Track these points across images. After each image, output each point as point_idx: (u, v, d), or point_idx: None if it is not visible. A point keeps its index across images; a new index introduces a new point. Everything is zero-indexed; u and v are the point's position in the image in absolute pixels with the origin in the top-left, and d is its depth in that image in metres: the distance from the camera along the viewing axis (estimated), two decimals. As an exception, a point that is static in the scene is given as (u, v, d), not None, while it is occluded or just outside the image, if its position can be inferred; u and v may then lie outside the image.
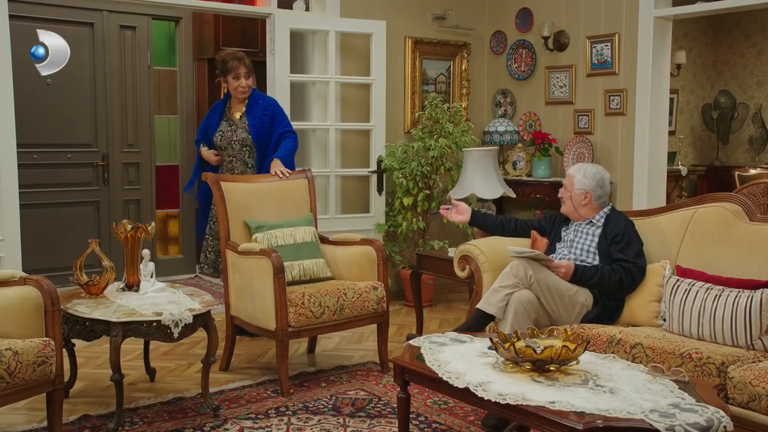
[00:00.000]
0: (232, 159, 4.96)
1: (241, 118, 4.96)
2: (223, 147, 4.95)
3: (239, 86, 4.90)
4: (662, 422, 2.25)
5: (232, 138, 4.93)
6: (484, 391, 2.56)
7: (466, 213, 4.33)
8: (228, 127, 4.94)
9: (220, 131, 4.95)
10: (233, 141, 4.93)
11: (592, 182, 3.98)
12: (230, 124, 4.95)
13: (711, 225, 3.74)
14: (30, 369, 3.01)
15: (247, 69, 4.92)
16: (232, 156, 4.95)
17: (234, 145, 4.93)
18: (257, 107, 4.97)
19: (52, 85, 6.40)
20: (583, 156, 6.05)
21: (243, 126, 4.94)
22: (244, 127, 4.94)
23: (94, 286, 3.74)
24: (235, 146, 4.93)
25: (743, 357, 3.07)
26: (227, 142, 4.93)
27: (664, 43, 5.73)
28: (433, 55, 6.61)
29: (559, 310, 3.69)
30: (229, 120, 4.97)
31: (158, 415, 3.69)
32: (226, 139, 4.93)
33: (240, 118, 4.96)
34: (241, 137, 4.92)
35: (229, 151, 4.94)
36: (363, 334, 5.14)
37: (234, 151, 4.94)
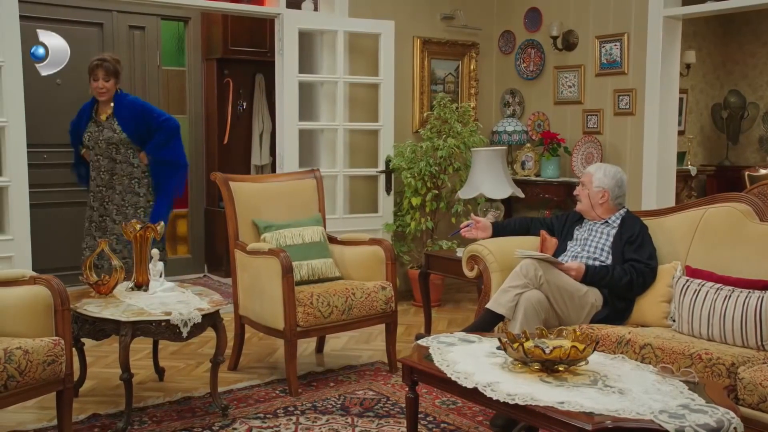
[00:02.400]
0: (99, 157, 5.10)
1: (108, 119, 5.11)
2: (91, 146, 5.11)
3: (97, 87, 5.07)
4: (672, 423, 2.25)
5: (99, 137, 5.08)
6: (492, 391, 2.56)
7: (488, 229, 4.26)
8: (96, 128, 5.11)
9: (88, 132, 5.11)
10: (99, 140, 5.08)
11: (611, 182, 3.97)
12: (98, 125, 5.11)
13: (721, 225, 3.72)
14: (40, 368, 3.02)
15: (105, 72, 5.05)
16: (98, 154, 5.10)
17: (100, 144, 5.09)
18: (124, 108, 5.13)
19: (62, 85, 6.42)
20: (592, 156, 6.04)
21: (109, 126, 5.10)
22: (110, 127, 5.09)
23: (104, 286, 3.76)
24: (101, 145, 5.09)
25: (753, 358, 3.06)
26: (94, 141, 5.09)
27: (674, 42, 5.71)
28: (441, 55, 6.61)
29: (568, 310, 3.68)
30: (96, 121, 5.13)
31: (167, 414, 3.70)
32: (93, 139, 5.09)
33: (106, 120, 5.11)
34: (106, 136, 5.08)
35: (96, 150, 5.10)
36: (371, 334, 5.14)
37: (101, 149, 5.09)
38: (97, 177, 5.12)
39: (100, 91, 5.07)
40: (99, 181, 5.12)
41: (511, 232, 4.27)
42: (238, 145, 7.56)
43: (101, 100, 5.11)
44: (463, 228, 4.33)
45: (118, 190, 5.11)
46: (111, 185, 5.11)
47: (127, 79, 6.76)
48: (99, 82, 5.05)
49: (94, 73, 5.06)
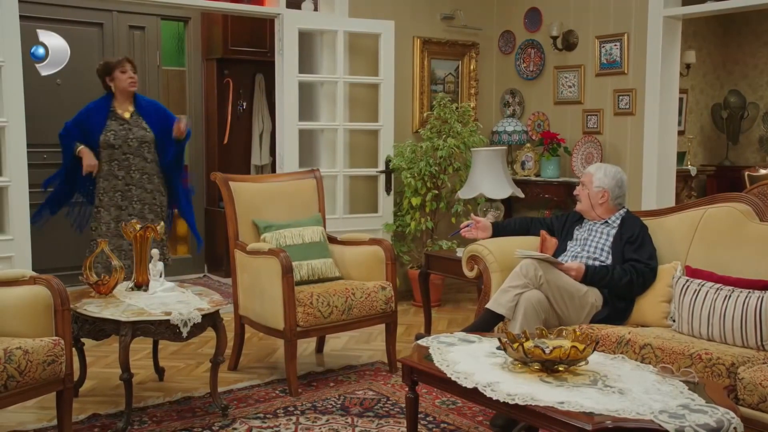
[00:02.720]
0: (129, 156, 5.00)
1: (132, 117, 5.04)
2: (117, 146, 4.97)
3: (129, 78, 4.99)
4: (672, 423, 2.25)
5: (129, 136, 4.99)
6: (492, 391, 2.56)
7: (488, 229, 4.26)
8: (120, 126, 4.99)
9: (111, 130, 4.96)
10: (130, 139, 4.98)
11: (611, 182, 3.97)
12: (122, 123, 5.01)
13: (721, 225, 3.72)
14: (40, 368, 3.02)
15: (132, 65, 5.04)
16: (127, 153, 4.99)
17: (131, 143, 4.99)
18: (145, 107, 5.10)
19: (62, 85, 6.42)
20: (592, 156, 6.04)
21: (138, 125, 5.03)
22: (139, 125, 5.03)
23: (104, 286, 3.76)
24: (133, 143, 4.99)
25: (753, 358, 3.06)
26: (122, 140, 4.97)
27: (674, 42, 5.71)
28: (441, 55, 6.61)
29: (568, 310, 3.68)
30: (120, 119, 5.02)
31: (167, 414, 3.70)
32: (120, 138, 4.97)
33: (131, 117, 5.04)
34: (138, 135, 5.01)
35: (124, 149, 4.98)
36: (371, 334, 5.14)
37: (131, 148, 5.00)
38: (126, 176, 5.00)
39: (132, 81, 5.01)
40: (129, 180, 5.00)
41: (511, 232, 4.27)
42: (238, 145, 7.56)
43: (129, 92, 5.03)
44: (463, 228, 4.33)
45: (149, 189, 5.05)
46: (141, 184, 5.03)
47: (127, 79, 6.76)
48: (129, 72, 4.98)
49: (121, 66, 4.98)
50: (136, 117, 5.05)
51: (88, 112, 5.07)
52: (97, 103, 5.11)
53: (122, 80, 5.01)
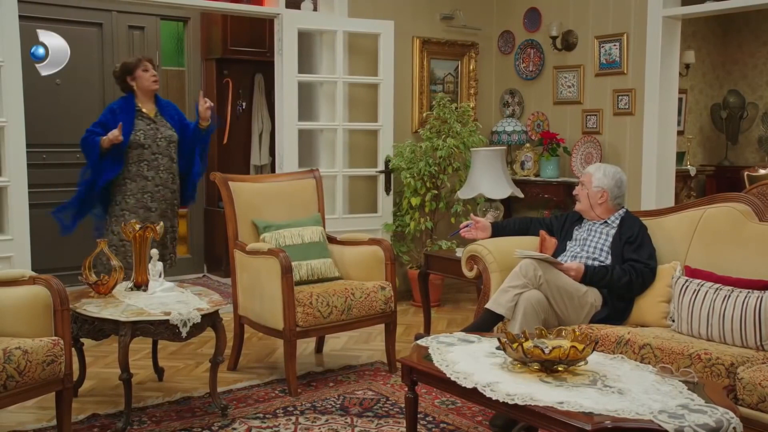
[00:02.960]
0: (157, 155, 4.93)
1: (157, 116, 4.99)
2: (147, 145, 4.89)
3: (152, 76, 4.94)
4: (671, 423, 2.25)
5: (157, 135, 4.93)
6: (492, 391, 2.56)
7: (487, 229, 4.26)
8: (147, 125, 4.92)
9: (140, 130, 4.87)
10: (159, 138, 4.93)
11: (610, 182, 3.97)
12: (149, 122, 4.94)
13: (720, 225, 3.72)
14: (39, 368, 3.02)
15: (152, 63, 4.99)
16: (156, 153, 4.93)
17: (159, 142, 4.93)
18: (166, 107, 5.07)
19: (61, 85, 6.42)
20: (592, 156, 6.04)
21: (164, 125, 4.98)
22: (165, 125, 4.99)
23: (103, 286, 3.76)
24: (161, 143, 4.94)
25: (753, 358, 3.06)
26: (152, 139, 4.90)
27: (673, 42, 5.71)
28: (440, 55, 6.61)
29: (568, 310, 3.68)
30: (146, 118, 4.94)
31: (166, 414, 3.70)
32: (149, 137, 4.90)
33: (156, 116, 4.99)
34: (166, 135, 4.96)
35: (153, 149, 4.91)
36: (371, 334, 5.14)
37: (160, 148, 4.94)
38: (156, 177, 4.92)
39: (156, 80, 4.96)
40: (158, 180, 4.93)
41: (511, 232, 4.27)
42: (238, 146, 7.57)
43: (152, 91, 4.97)
44: (463, 228, 4.33)
45: (173, 189, 5.03)
46: (167, 184, 4.99)
47: (127, 79, 6.76)
48: (151, 71, 4.94)
49: (142, 65, 4.92)
50: (160, 116, 5.00)
51: (112, 113, 4.92)
52: (120, 103, 4.99)
53: (146, 78, 4.94)
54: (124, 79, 4.97)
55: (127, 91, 5.01)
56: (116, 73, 5.03)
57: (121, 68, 4.99)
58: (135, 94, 4.98)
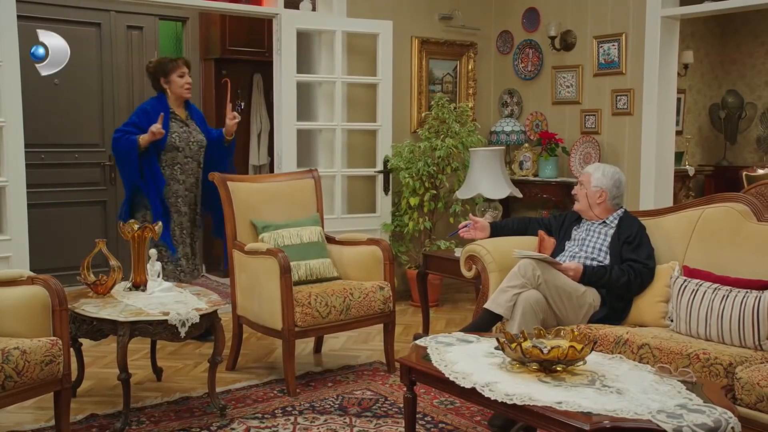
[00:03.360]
0: (189, 159, 4.88)
1: (188, 119, 4.94)
2: (181, 148, 4.83)
3: (186, 83, 4.87)
4: (669, 423, 2.25)
5: (190, 139, 4.87)
6: (490, 391, 2.56)
7: (486, 229, 4.26)
8: (180, 128, 4.85)
9: (175, 132, 4.79)
10: (191, 142, 4.87)
11: (609, 182, 3.98)
12: (182, 125, 4.88)
13: (718, 225, 3.73)
14: (38, 368, 3.02)
15: (188, 66, 4.92)
16: (189, 157, 4.88)
17: (192, 146, 4.88)
18: (194, 112, 5.03)
19: (60, 85, 6.42)
20: (590, 156, 6.04)
21: (195, 129, 4.94)
22: (195, 128, 4.94)
23: (101, 286, 3.75)
24: (193, 147, 4.89)
25: (751, 358, 3.06)
26: (185, 143, 4.85)
27: (672, 42, 5.72)
28: (439, 55, 6.61)
29: (566, 310, 3.69)
30: (180, 121, 4.88)
31: (165, 414, 3.69)
32: (183, 141, 4.84)
33: (188, 119, 4.94)
34: (198, 139, 4.91)
35: (186, 152, 4.86)
36: (369, 334, 5.14)
37: (192, 152, 4.89)
38: (187, 180, 4.88)
39: (189, 88, 4.88)
40: (188, 184, 4.89)
41: (509, 232, 4.27)
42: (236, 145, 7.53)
43: (185, 98, 4.89)
44: (461, 228, 4.33)
45: (197, 195, 4.98)
46: (195, 189, 4.95)
47: (125, 80, 6.77)
48: (186, 77, 4.85)
49: (179, 69, 4.82)
50: (191, 120, 4.94)
51: (145, 114, 4.79)
52: (152, 104, 4.87)
53: (179, 85, 4.84)
54: (158, 78, 4.87)
55: (157, 90, 4.92)
56: (150, 69, 4.92)
57: (157, 66, 4.89)
58: (166, 95, 4.89)
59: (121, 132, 4.75)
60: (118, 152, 4.77)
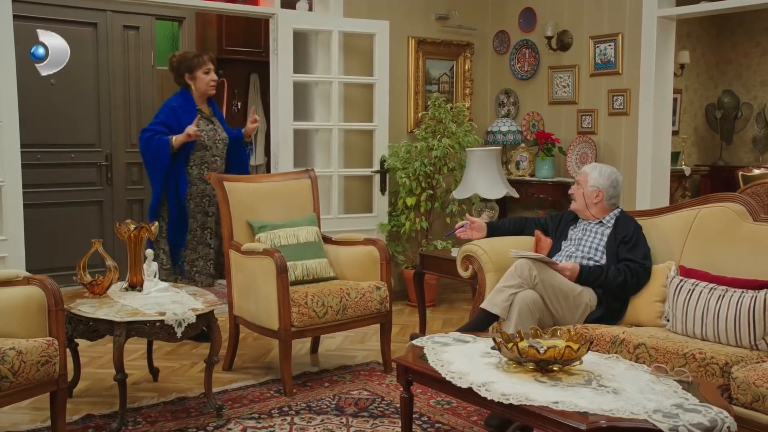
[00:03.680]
0: (216, 158, 4.85)
1: (212, 116, 4.90)
2: (209, 147, 4.79)
3: (212, 80, 4.82)
4: (666, 422, 2.25)
5: (216, 137, 4.83)
6: (487, 391, 2.56)
7: (483, 229, 4.26)
8: (207, 125, 4.81)
9: (203, 131, 4.74)
10: (217, 140, 4.84)
11: (606, 182, 3.98)
12: (207, 122, 4.83)
13: (715, 225, 3.73)
14: (34, 368, 3.01)
15: (213, 63, 4.86)
16: (216, 155, 4.84)
17: (218, 144, 4.85)
18: (216, 109, 5.00)
19: (56, 85, 6.41)
20: (587, 156, 6.05)
21: (218, 125, 4.90)
22: (219, 126, 4.91)
23: (98, 286, 3.75)
24: (219, 145, 4.86)
25: (747, 357, 3.07)
26: (212, 141, 4.80)
27: (668, 42, 5.72)
28: (436, 55, 6.61)
29: (563, 310, 3.69)
30: (206, 118, 4.84)
31: (161, 414, 3.69)
32: (211, 139, 4.80)
33: (212, 117, 4.90)
34: (222, 136, 4.88)
35: (213, 151, 4.82)
36: (366, 334, 5.14)
37: (218, 150, 4.85)
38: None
39: (214, 85, 4.82)
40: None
41: (506, 232, 4.28)
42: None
43: (210, 95, 4.85)
44: (458, 228, 4.33)
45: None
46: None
47: (122, 80, 6.76)
48: (212, 74, 4.79)
49: (205, 66, 4.76)
50: (215, 117, 4.90)
51: (173, 112, 4.73)
52: (179, 101, 4.80)
53: (205, 82, 4.78)
54: (182, 74, 4.80)
55: (180, 85, 4.86)
56: (173, 64, 4.85)
57: (181, 61, 4.81)
58: (190, 91, 4.83)
59: (151, 132, 4.68)
60: (149, 153, 4.68)
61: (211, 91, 4.85)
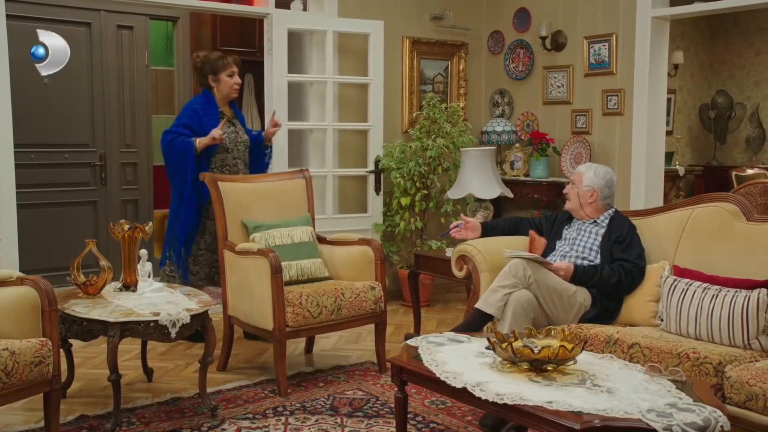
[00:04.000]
0: (238, 161, 4.83)
1: (234, 118, 4.88)
2: (230, 149, 4.78)
3: (235, 83, 4.80)
4: (659, 422, 2.26)
5: (238, 140, 4.81)
6: (481, 390, 2.56)
7: (477, 229, 4.26)
8: (228, 127, 4.79)
9: (225, 133, 4.71)
10: (239, 143, 4.82)
11: (601, 182, 3.99)
12: (229, 124, 4.81)
13: (708, 225, 3.74)
14: (27, 369, 3.01)
15: (237, 66, 4.84)
16: (237, 158, 4.82)
17: (239, 146, 4.83)
18: (236, 110, 4.97)
19: (50, 84, 6.39)
20: (581, 156, 6.06)
21: (239, 127, 4.89)
22: (240, 128, 4.89)
23: (92, 286, 3.74)
24: (240, 147, 4.84)
25: (740, 357, 3.08)
26: (234, 143, 4.78)
27: (662, 43, 5.74)
28: (430, 55, 6.61)
29: (557, 310, 3.69)
30: (229, 121, 4.82)
31: (156, 415, 3.68)
32: (233, 141, 4.77)
33: (234, 119, 4.88)
34: (244, 139, 4.86)
35: (234, 153, 4.80)
36: (360, 334, 5.13)
37: (239, 152, 4.83)
38: None
39: (237, 89, 4.78)
40: None
41: (500, 232, 4.28)
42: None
43: (232, 98, 4.82)
44: (453, 228, 4.34)
45: None
46: None
47: (116, 79, 6.74)
48: (236, 78, 4.75)
49: (229, 68, 4.73)
50: (236, 119, 4.87)
51: (195, 114, 4.70)
52: (201, 103, 4.78)
53: (229, 85, 4.75)
54: (205, 75, 4.77)
55: (202, 86, 4.83)
56: (197, 64, 4.81)
57: (204, 62, 4.78)
58: (212, 92, 4.80)
59: (173, 134, 4.64)
60: (172, 155, 4.64)
61: (233, 95, 4.83)
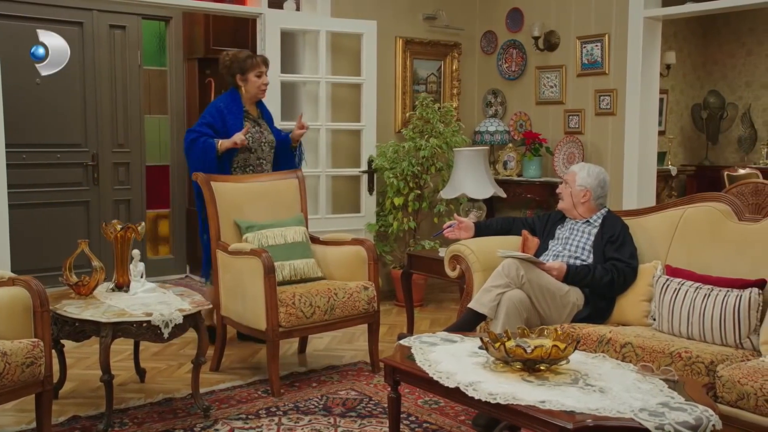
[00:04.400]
0: (262, 161, 4.78)
1: (260, 118, 4.83)
2: (253, 149, 4.72)
3: (263, 83, 4.74)
4: (652, 421, 2.26)
5: (262, 140, 4.76)
6: (474, 390, 2.56)
7: (470, 229, 4.27)
8: (253, 127, 4.73)
9: (248, 133, 4.65)
10: (263, 143, 4.76)
11: (594, 181, 4.00)
12: (254, 124, 4.75)
13: (700, 225, 3.75)
14: (19, 370, 2.99)
15: (267, 66, 4.79)
16: (261, 158, 4.77)
17: (264, 147, 4.77)
18: (265, 111, 4.92)
19: (42, 84, 6.37)
20: (574, 156, 6.07)
21: (265, 127, 4.83)
22: (266, 128, 4.83)
23: (84, 287, 3.73)
24: (265, 148, 4.78)
25: (732, 356, 3.09)
26: (258, 144, 4.73)
27: (654, 43, 5.76)
28: (423, 55, 6.61)
29: (550, 309, 3.70)
30: (253, 120, 4.77)
31: (148, 415, 3.67)
32: (257, 141, 4.72)
33: (259, 119, 4.83)
34: (269, 139, 4.80)
35: (258, 153, 4.75)
36: (354, 334, 5.13)
37: (264, 152, 4.78)
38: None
39: (265, 88, 4.74)
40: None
41: (494, 232, 4.29)
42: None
43: (259, 98, 4.78)
44: (446, 228, 4.34)
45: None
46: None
47: (108, 79, 6.72)
48: (264, 78, 4.71)
49: (258, 68, 4.68)
50: (262, 119, 4.83)
51: (219, 113, 4.65)
52: (227, 102, 4.73)
53: (257, 86, 4.71)
54: (234, 74, 4.73)
55: (231, 85, 4.79)
56: (225, 62, 4.78)
57: (233, 61, 4.74)
58: (239, 92, 4.76)
59: (196, 133, 4.59)
60: (194, 155, 4.59)
61: (261, 95, 4.78)
